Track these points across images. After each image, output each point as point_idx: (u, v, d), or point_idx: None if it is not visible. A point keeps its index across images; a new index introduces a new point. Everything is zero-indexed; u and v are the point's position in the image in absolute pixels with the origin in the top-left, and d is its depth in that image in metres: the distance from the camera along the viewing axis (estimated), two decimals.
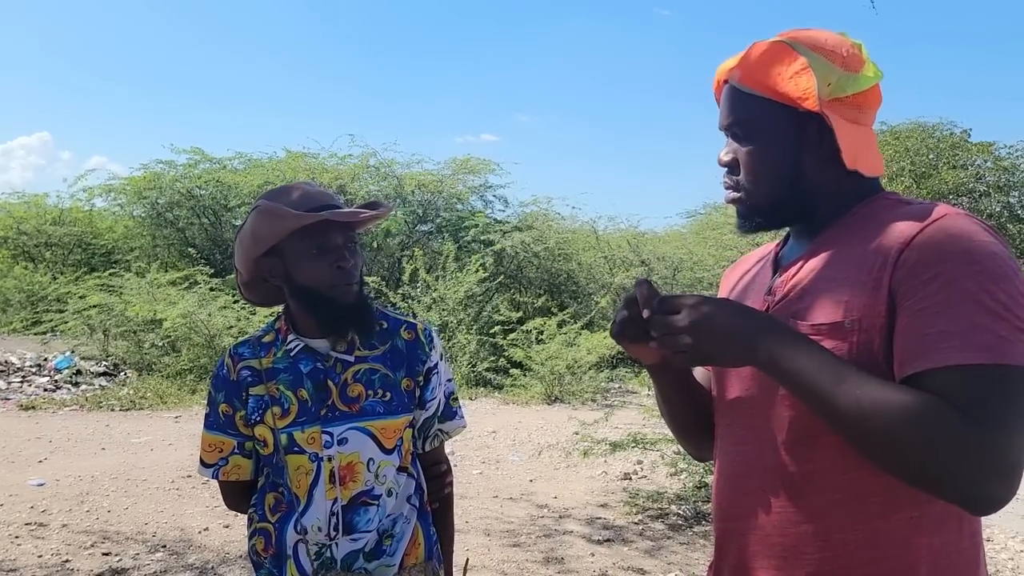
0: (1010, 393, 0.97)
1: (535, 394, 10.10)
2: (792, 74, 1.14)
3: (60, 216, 16.85)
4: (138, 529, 4.57)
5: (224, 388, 1.68)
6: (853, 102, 1.16)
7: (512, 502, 5.44)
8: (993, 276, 1.00)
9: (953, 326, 0.99)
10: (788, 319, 1.12)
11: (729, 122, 1.22)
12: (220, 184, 14.63)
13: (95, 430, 7.14)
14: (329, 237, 1.56)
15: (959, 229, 1.04)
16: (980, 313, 0.98)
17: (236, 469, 1.70)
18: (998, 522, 5.29)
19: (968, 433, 0.95)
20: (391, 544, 1.64)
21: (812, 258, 1.17)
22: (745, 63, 1.20)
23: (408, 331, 1.72)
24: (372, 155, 14.82)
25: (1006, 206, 19.24)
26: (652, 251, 14.94)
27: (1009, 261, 1.03)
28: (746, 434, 1.21)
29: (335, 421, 1.60)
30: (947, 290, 1.00)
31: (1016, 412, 0.97)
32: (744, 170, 1.21)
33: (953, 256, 1.02)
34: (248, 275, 1.67)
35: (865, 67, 1.17)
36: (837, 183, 1.18)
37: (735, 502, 1.22)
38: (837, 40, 1.18)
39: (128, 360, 10.60)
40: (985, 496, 0.97)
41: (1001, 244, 1.05)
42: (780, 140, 1.18)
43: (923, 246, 1.04)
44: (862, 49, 1.19)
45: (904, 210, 1.11)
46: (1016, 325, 0.99)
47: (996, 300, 0.99)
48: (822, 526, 1.11)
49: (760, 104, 1.18)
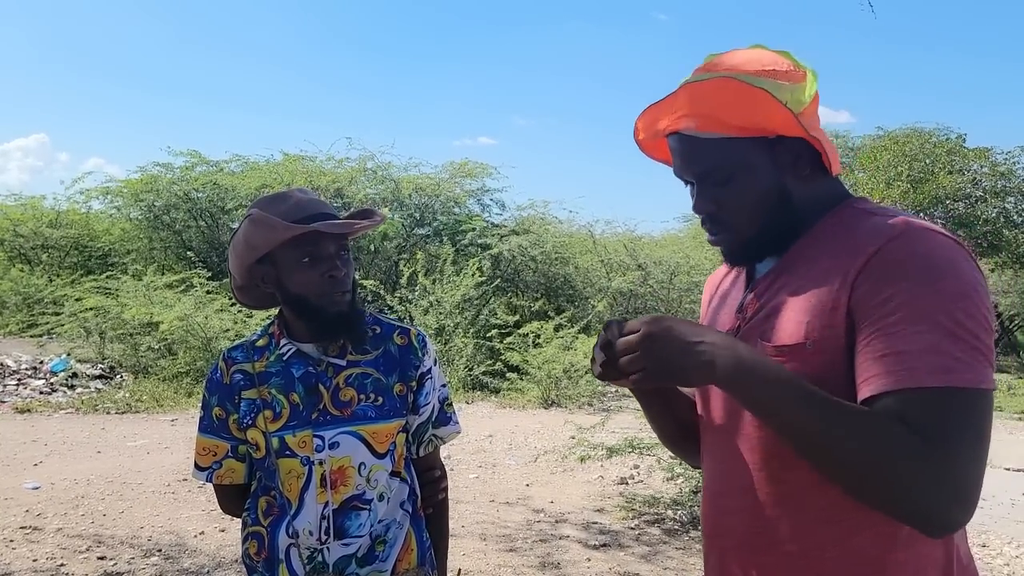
0: (966, 416, 0.97)
1: (532, 398, 10.10)
2: (759, 107, 1.12)
3: (57, 218, 16.80)
4: (133, 533, 4.55)
5: (217, 392, 1.68)
6: (810, 111, 1.16)
7: (508, 507, 5.44)
8: (952, 295, 0.99)
9: (911, 347, 0.98)
10: (756, 340, 1.13)
11: (700, 171, 1.19)
12: (217, 187, 14.61)
13: (91, 433, 7.12)
14: (321, 246, 1.57)
15: (920, 246, 1.03)
16: (938, 334, 0.97)
17: (230, 473, 1.70)
18: (994, 528, 5.30)
19: (923, 456, 0.95)
20: (384, 549, 1.64)
21: (781, 274, 1.17)
22: (697, 111, 1.16)
23: (401, 336, 1.72)
24: (369, 158, 14.84)
25: (1002, 211, 19.28)
26: (649, 255, 14.93)
27: (971, 278, 1.01)
28: (724, 453, 1.22)
29: (326, 425, 1.60)
30: (905, 310, 0.99)
31: (972, 435, 0.97)
32: (732, 213, 1.19)
33: (912, 275, 1.00)
34: (242, 280, 1.68)
35: (809, 76, 1.16)
36: (815, 192, 1.18)
37: (717, 520, 1.23)
38: (771, 57, 1.17)
39: (124, 363, 10.57)
40: (941, 519, 0.97)
41: (966, 259, 1.03)
42: (758, 172, 1.16)
43: (882, 264, 1.03)
44: (790, 57, 1.18)
45: (868, 223, 1.09)
46: (974, 346, 0.98)
47: (955, 320, 0.98)
48: (799, 546, 1.11)
49: (729, 145, 1.15)
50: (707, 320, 1.35)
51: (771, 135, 1.14)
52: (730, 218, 1.20)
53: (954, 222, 19.42)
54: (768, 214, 1.18)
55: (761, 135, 1.14)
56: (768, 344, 1.11)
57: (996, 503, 5.96)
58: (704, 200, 1.21)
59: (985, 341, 0.99)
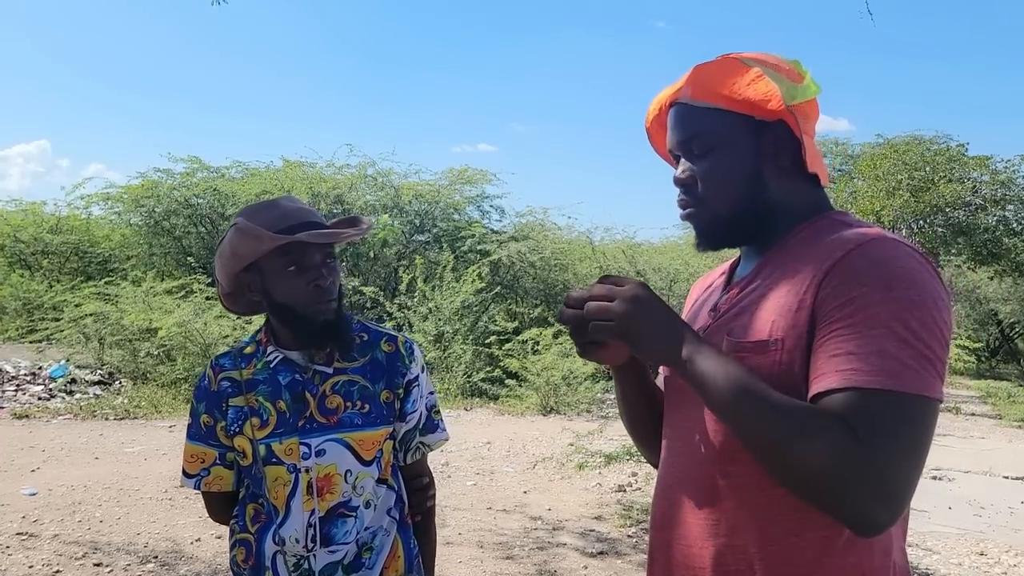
0: (906, 420, 0.99)
1: (530, 405, 10.09)
2: (749, 82, 1.17)
3: (57, 224, 16.84)
4: (130, 539, 4.55)
5: (205, 399, 1.68)
6: (802, 110, 1.18)
7: (506, 514, 5.43)
8: (909, 304, 1.01)
9: (861, 349, 1.00)
10: (723, 335, 1.16)
11: (684, 138, 1.24)
12: (217, 193, 14.63)
13: (89, 439, 7.12)
14: (307, 256, 1.57)
15: (883, 255, 1.05)
16: (889, 339, 1.00)
17: (218, 480, 1.70)
18: (992, 536, 5.29)
19: (855, 454, 0.97)
20: (370, 557, 1.63)
21: (755, 278, 1.20)
22: (695, 80, 1.21)
23: (388, 343, 1.72)
24: (370, 165, 14.88)
25: (1002, 220, 19.29)
26: (648, 262, 14.96)
27: (931, 289, 1.04)
28: (680, 445, 1.24)
29: (313, 432, 1.60)
30: (861, 314, 1.02)
31: (908, 439, 0.98)
32: (704, 184, 1.23)
33: (872, 281, 1.03)
34: (229, 288, 1.68)
35: (807, 79, 1.20)
36: (794, 194, 1.21)
37: (666, 512, 1.25)
38: (772, 57, 1.22)
39: (123, 369, 10.58)
40: (867, 518, 0.98)
41: (929, 272, 1.06)
42: (739, 150, 1.20)
43: (845, 270, 1.05)
44: (799, 65, 1.22)
45: (839, 234, 1.12)
46: (924, 354, 1.00)
47: (908, 328, 1.00)
48: (739, 540, 1.13)
49: (716, 116, 1.20)
50: (686, 319, 1.36)
51: (757, 115, 1.17)
52: (704, 192, 1.23)
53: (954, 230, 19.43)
54: (742, 197, 1.21)
55: (748, 113, 1.18)
56: (732, 339, 1.14)
57: (994, 511, 5.94)
58: (684, 170, 1.24)
59: (936, 351, 1.01)
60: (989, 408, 12.72)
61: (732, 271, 1.33)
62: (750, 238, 1.25)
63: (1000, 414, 11.90)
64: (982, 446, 8.71)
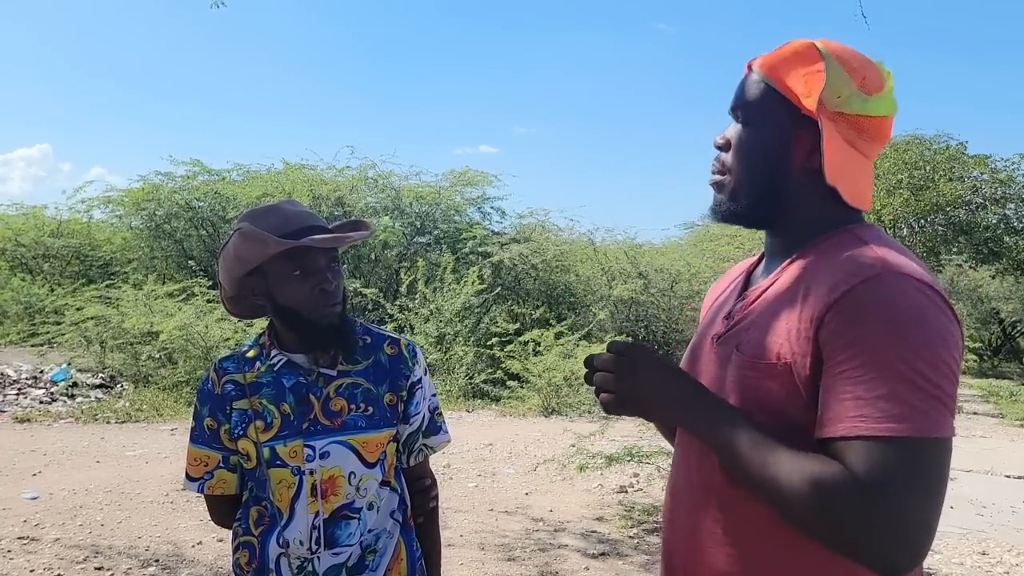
0: (919, 465, 0.97)
1: (532, 406, 10.08)
2: (805, 72, 1.14)
3: (58, 228, 16.84)
4: (131, 543, 4.55)
5: (208, 402, 1.69)
6: (855, 123, 1.14)
7: (507, 515, 5.42)
8: (914, 343, 0.99)
9: (869, 394, 0.98)
10: (733, 348, 1.16)
11: (735, 103, 1.22)
12: (218, 196, 14.64)
13: (90, 443, 7.11)
14: (311, 260, 1.57)
15: (887, 291, 1.02)
16: (895, 381, 0.97)
17: (221, 483, 1.70)
18: (994, 535, 5.28)
19: (869, 508, 0.96)
20: (374, 559, 1.64)
21: (770, 288, 1.18)
22: (771, 52, 1.20)
23: (391, 346, 1.73)
24: (371, 167, 14.89)
25: (1003, 218, 19.29)
26: (649, 263, 14.93)
27: (938, 327, 1.01)
28: (689, 451, 1.24)
29: (317, 435, 1.61)
30: (866, 355, 0.99)
31: (924, 484, 0.97)
32: (733, 150, 1.21)
33: (875, 321, 1.00)
34: (232, 291, 1.68)
35: (880, 94, 1.15)
36: (817, 200, 1.17)
37: (675, 516, 1.25)
38: (864, 60, 1.16)
39: (124, 372, 10.57)
40: (890, 566, 0.98)
41: (938, 307, 1.02)
42: (774, 133, 1.17)
43: (848, 308, 1.03)
44: (888, 79, 1.17)
45: (853, 258, 1.08)
46: (933, 394, 0.98)
47: (915, 369, 0.97)
48: (745, 549, 1.13)
49: (766, 91, 1.18)
50: (703, 325, 1.36)
51: (800, 104, 1.14)
52: (732, 162, 1.21)
53: (955, 229, 19.43)
54: (759, 179, 1.19)
55: (795, 100, 1.15)
56: (741, 355, 1.14)
57: (996, 510, 5.94)
58: (723, 134, 1.24)
59: (946, 389, 0.99)
60: (991, 407, 12.71)
61: (751, 272, 1.32)
62: (760, 224, 1.24)
63: (1002, 413, 11.89)
64: (984, 445, 8.69)
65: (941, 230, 19.84)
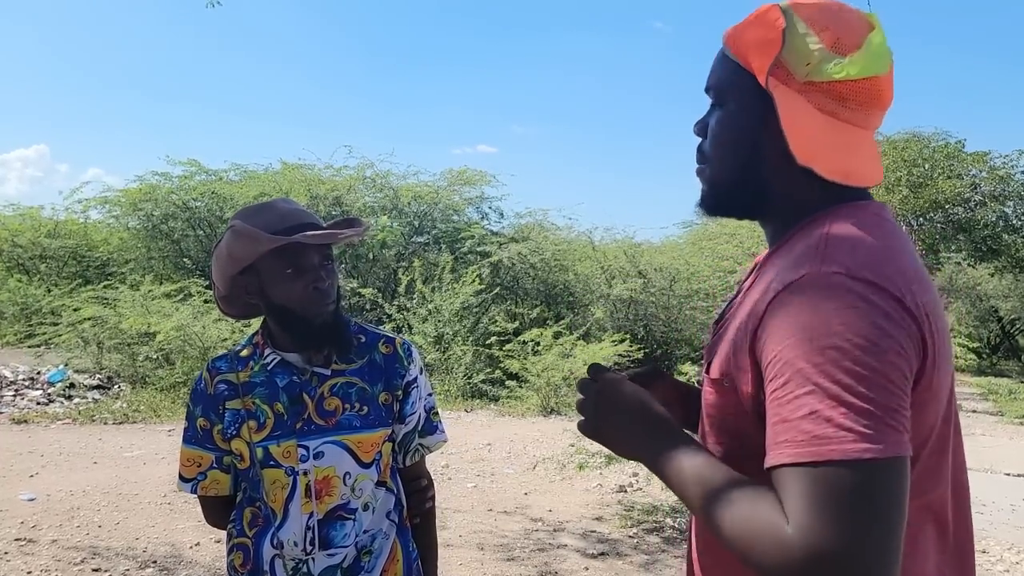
0: (850, 492, 0.82)
1: (531, 406, 10.07)
2: (764, 42, 1.01)
3: (55, 228, 16.83)
4: (129, 544, 4.53)
5: (201, 402, 1.67)
6: (832, 91, 0.99)
7: (506, 516, 5.40)
8: (836, 354, 0.85)
9: (792, 415, 0.87)
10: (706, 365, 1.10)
11: (709, 84, 1.12)
12: (216, 196, 14.63)
13: (87, 444, 7.09)
14: (304, 257, 1.55)
15: (810, 296, 0.90)
16: (817, 398, 0.85)
17: (214, 484, 1.68)
18: (994, 534, 5.27)
19: (791, 549, 0.82)
20: (369, 560, 1.62)
21: (748, 290, 1.09)
22: (738, 23, 1.07)
23: (386, 345, 1.71)
24: (368, 166, 14.87)
25: (1001, 216, 19.31)
26: (648, 262, 14.91)
27: (863, 330, 0.86)
28: None
29: (311, 435, 1.59)
30: (789, 371, 0.88)
31: (861, 513, 0.82)
32: (712, 143, 1.11)
33: (793, 332, 0.89)
34: (225, 290, 1.66)
35: (859, 53, 0.98)
36: (798, 184, 1.04)
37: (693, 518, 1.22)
38: (837, 15, 1.01)
39: (122, 373, 10.55)
40: None
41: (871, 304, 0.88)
42: (744, 113, 1.06)
43: (772, 318, 0.93)
44: (873, 33, 1.00)
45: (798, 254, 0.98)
46: (863, 408, 0.84)
47: (836, 382, 0.85)
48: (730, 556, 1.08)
49: (733, 69, 1.06)
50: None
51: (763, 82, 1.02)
52: (709, 149, 1.12)
53: (953, 227, 19.44)
54: (735, 166, 1.08)
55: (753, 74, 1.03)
56: (706, 375, 1.08)
57: (996, 508, 5.92)
58: (700, 120, 1.14)
59: (880, 400, 0.84)
60: (990, 405, 12.72)
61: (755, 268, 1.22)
62: (746, 214, 1.14)
63: (1001, 411, 11.89)
64: (983, 443, 8.69)
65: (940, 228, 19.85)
